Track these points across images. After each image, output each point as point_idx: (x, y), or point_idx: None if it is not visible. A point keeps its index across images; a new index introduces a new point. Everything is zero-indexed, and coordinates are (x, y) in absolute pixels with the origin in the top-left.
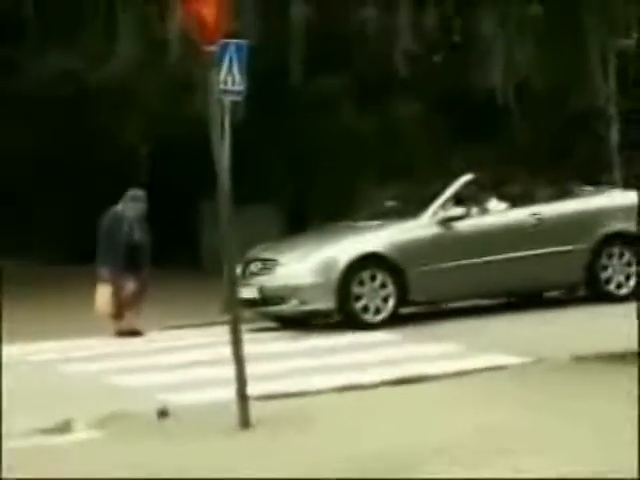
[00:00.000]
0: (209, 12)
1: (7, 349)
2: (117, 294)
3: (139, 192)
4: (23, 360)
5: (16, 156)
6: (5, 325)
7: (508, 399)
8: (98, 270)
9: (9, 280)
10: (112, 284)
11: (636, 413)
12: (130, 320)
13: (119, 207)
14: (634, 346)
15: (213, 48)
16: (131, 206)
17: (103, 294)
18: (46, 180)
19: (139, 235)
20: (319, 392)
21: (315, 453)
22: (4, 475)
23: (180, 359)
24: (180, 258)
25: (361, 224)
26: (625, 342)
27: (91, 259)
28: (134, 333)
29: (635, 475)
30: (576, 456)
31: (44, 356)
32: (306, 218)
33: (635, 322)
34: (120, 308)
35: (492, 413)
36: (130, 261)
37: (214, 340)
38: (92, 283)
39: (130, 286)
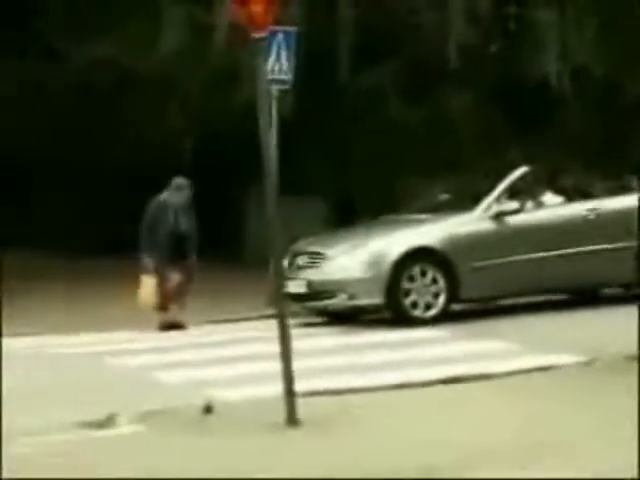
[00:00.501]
0: None
1: (47, 340)
2: (162, 285)
3: (184, 181)
4: (64, 353)
5: (56, 144)
6: (44, 318)
7: (561, 399)
8: (142, 261)
9: (40, 274)
10: (156, 275)
11: None
12: (175, 313)
13: (163, 196)
14: None
15: (261, 35)
16: (176, 195)
17: (147, 285)
18: (83, 170)
19: (185, 224)
20: (368, 389)
21: (364, 453)
22: (45, 463)
23: (224, 354)
24: (224, 250)
25: (412, 217)
26: None
27: (126, 250)
28: (178, 326)
29: None
30: (630, 459)
31: (86, 349)
32: (353, 212)
33: None
34: (165, 300)
35: (545, 413)
36: (175, 251)
37: (259, 335)
38: (128, 274)
39: (175, 277)
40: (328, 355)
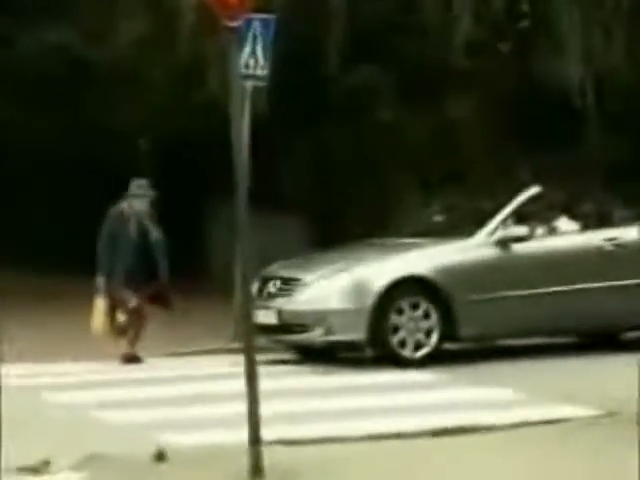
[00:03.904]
0: None
1: None
2: (118, 310)
3: (144, 182)
4: (5, 384)
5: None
6: None
7: (572, 459)
8: (97, 281)
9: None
10: (110, 298)
11: None
12: (130, 343)
13: (124, 204)
14: None
15: (235, 24)
16: (137, 201)
17: (99, 310)
18: (33, 174)
19: (151, 236)
20: (345, 440)
21: None
22: None
23: (182, 392)
24: (186, 270)
25: (403, 241)
26: None
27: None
28: (133, 359)
29: None
30: None
31: (30, 381)
32: (337, 231)
33: None
34: (122, 328)
35: (552, 475)
36: (140, 270)
37: (223, 371)
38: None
39: (133, 300)
40: (300, 398)
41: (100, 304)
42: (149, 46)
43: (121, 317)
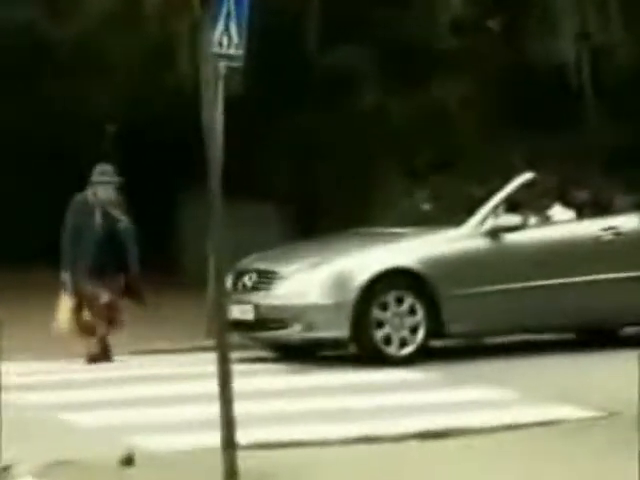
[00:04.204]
0: None
1: None
2: (84, 307)
3: (109, 167)
4: None
5: None
6: None
7: (568, 463)
8: (62, 275)
9: None
10: (76, 294)
11: None
12: (99, 341)
13: (88, 192)
14: None
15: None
16: (102, 189)
17: (64, 307)
18: None
19: (122, 222)
20: (325, 443)
21: None
22: None
23: (151, 393)
24: (157, 263)
25: (387, 231)
26: None
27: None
28: (100, 358)
29: None
30: None
31: None
32: (318, 222)
33: None
34: (88, 325)
35: None
36: (107, 263)
37: (195, 370)
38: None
39: (105, 296)
40: (278, 399)
41: (66, 301)
42: (115, 24)
43: (88, 314)
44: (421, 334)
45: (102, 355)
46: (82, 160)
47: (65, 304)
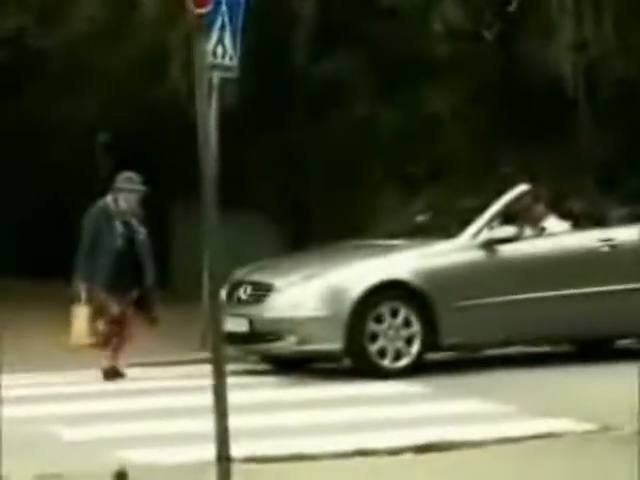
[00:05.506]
0: None
1: None
2: (101, 319)
3: (132, 175)
4: None
5: None
6: None
7: (565, 477)
8: (76, 287)
9: None
10: (92, 305)
11: None
12: (114, 355)
13: (108, 199)
14: None
15: (203, 10)
16: (125, 194)
17: (80, 318)
18: None
19: (141, 234)
20: (319, 457)
21: None
22: None
23: (147, 406)
24: None
25: (382, 243)
26: None
27: (51, 269)
28: (116, 373)
29: None
30: None
31: None
32: (310, 233)
33: None
34: (105, 337)
35: None
36: (125, 276)
37: (189, 383)
38: (46, 300)
39: (118, 309)
40: (272, 412)
41: (81, 312)
42: (106, 33)
43: (103, 326)
44: (416, 347)
45: (116, 370)
46: (74, 171)
47: (81, 316)
